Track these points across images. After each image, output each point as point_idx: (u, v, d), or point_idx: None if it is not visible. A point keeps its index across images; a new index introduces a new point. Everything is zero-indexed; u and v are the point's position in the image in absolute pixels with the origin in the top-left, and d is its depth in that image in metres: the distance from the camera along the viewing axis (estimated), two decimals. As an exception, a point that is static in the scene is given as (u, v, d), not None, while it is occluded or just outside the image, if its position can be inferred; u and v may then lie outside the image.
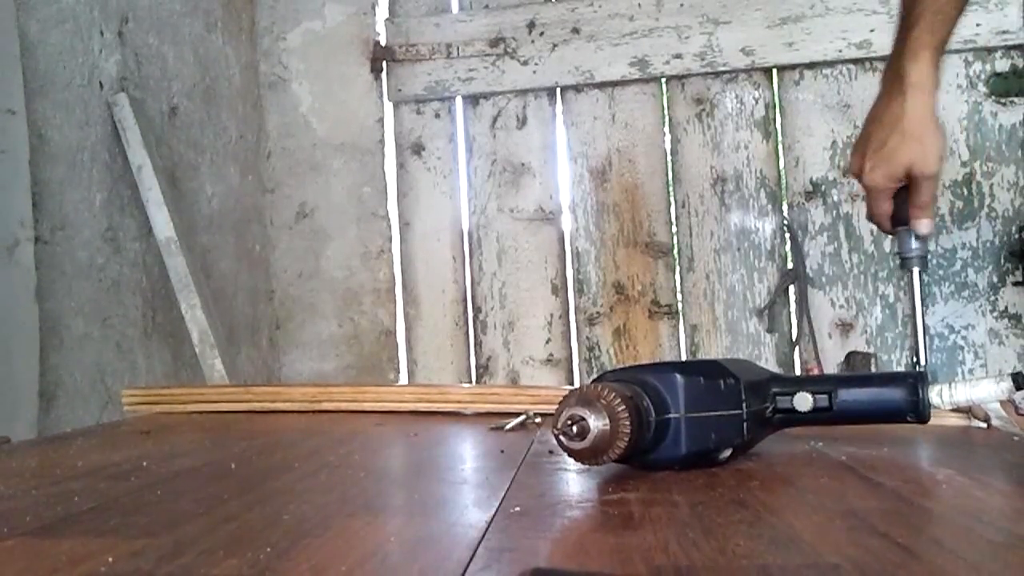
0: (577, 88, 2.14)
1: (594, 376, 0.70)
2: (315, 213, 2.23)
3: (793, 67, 2.05)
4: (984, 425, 0.74)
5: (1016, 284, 1.96)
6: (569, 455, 0.51)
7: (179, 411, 0.98)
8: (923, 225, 0.95)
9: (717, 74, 2.08)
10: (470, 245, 2.20)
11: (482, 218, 2.18)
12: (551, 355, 2.15)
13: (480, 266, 2.18)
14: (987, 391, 0.63)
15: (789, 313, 2.07)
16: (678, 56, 2.07)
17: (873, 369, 1.98)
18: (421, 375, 2.20)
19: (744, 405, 0.57)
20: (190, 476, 0.60)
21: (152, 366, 1.64)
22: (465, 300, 2.19)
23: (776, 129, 2.08)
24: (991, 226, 1.98)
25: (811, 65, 2.04)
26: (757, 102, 2.08)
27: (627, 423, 0.50)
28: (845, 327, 2.02)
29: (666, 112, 2.12)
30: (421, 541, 0.41)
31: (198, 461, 0.67)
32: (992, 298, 1.97)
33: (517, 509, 0.46)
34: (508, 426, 0.78)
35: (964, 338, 1.98)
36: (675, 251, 2.12)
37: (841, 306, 2.03)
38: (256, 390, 1.00)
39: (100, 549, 0.39)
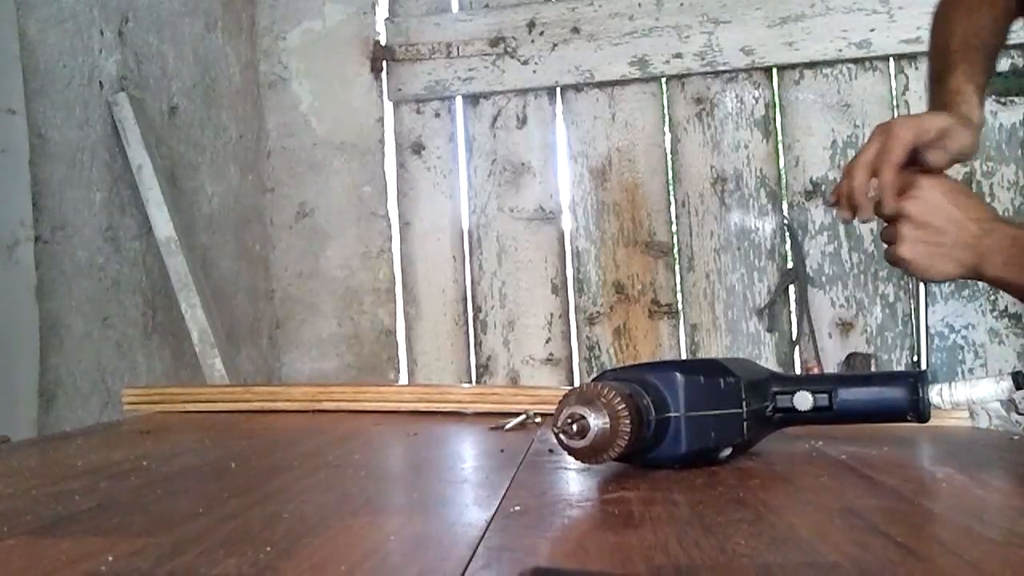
0: (577, 88, 2.14)
1: (594, 375, 0.70)
2: (315, 213, 2.23)
3: (793, 67, 2.05)
4: (984, 425, 0.74)
5: (1016, 283, 1.95)
6: (569, 454, 0.51)
7: (179, 411, 0.98)
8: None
9: (717, 74, 2.08)
10: (470, 245, 2.20)
11: (482, 218, 2.18)
12: (551, 355, 2.15)
13: (480, 266, 2.18)
14: (987, 391, 0.63)
15: (789, 313, 2.07)
16: (678, 56, 2.07)
17: (873, 369, 1.98)
18: (421, 375, 2.20)
19: (744, 404, 0.57)
20: (190, 476, 0.60)
21: (152, 366, 1.64)
22: (465, 300, 2.19)
23: (776, 129, 2.08)
24: (991, 225, 1.97)
25: (811, 65, 2.04)
26: (757, 102, 2.08)
27: (627, 422, 0.50)
28: (845, 327, 2.03)
29: (666, 112, 2.12)
30: (421, 540, 0.41)
31: (198, 461, 0.67)
32: (992, 297, 1.97)
33: (517, 508, 0.46)
34: (508, 426, 0.78)
35: (964, 338, 1.98)
36: (675, 251, 2.12)
37: (841, 306, 2.03)
38: (256, 390, 1.00)
39: (100, 549, 0.39)
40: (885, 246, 0.92)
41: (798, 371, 2.02)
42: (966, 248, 0.86)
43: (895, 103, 2.01)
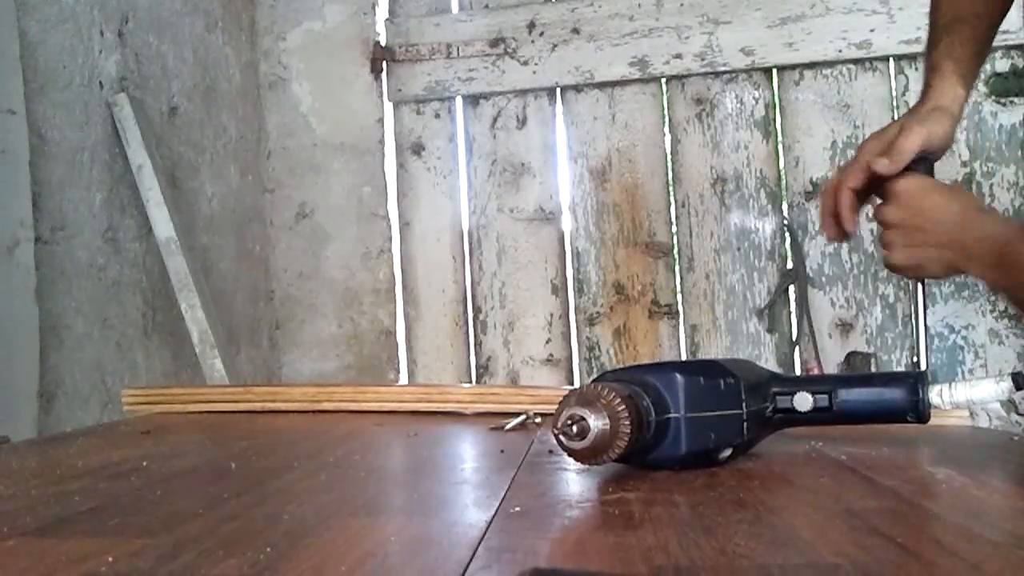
0: (577, 88, 2.14)
1: (594, 376, 0.70)
2: (315, 213, 2.23)
3: (793, 67, 2.05)
4: (984, 425, 0.74)
5: (1016, 284, 1.95)
6: (569, 455, 0.51)
7: (179, 411, 0.98)
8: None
9: (717, 74, 2.08)
10: (470, 245, 2.20)
11: (482, 218, 2.18)
12: (551, 355, 2.15)
13: (480, 266, 2.18)
14: (987, 391, 0.63)
15: (789, 313, 2.07)
16: (678, 56, 2.07)
17: (873, 369, 1.98)
18: (421, 375, 2.20)
19: (744, 405, 0.57)
20: (190, 476, 0.60)
21: (152, 366, 1.64)
22: (465, 300, 2.19)
23: (776, 129, 2.08)
24: (991, 226, 1.97)
25: (811, 65, 2.04)
26: (757, 102, 2.08)
27: (627, 423, 0.50)
28: (845, 327, 2.02)
29: (666, 112, 2.12)
30: (421, 541, 0.41)
31: (198, 461, 0.67)
32: (992, 298, 1.97)
33: (517, 509, 0.46)
34: (508, 426, 0.78)
35: (964, 338, 1.97)
36: (675, 251, 2.12)
37: (841, 306, 2.03)
38: (256, 390, 1.00)
39: (100, 549, 0.39)
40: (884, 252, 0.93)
41: (798, 371, 2.02)
42: (946, 246, 0.85)
43: (895, 104, 2.01)
